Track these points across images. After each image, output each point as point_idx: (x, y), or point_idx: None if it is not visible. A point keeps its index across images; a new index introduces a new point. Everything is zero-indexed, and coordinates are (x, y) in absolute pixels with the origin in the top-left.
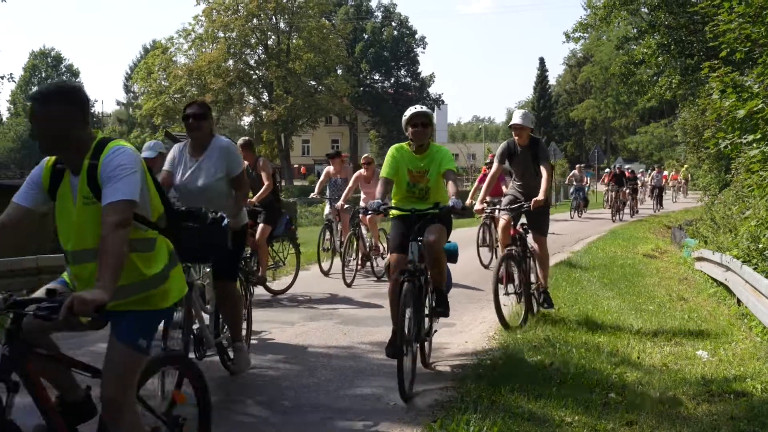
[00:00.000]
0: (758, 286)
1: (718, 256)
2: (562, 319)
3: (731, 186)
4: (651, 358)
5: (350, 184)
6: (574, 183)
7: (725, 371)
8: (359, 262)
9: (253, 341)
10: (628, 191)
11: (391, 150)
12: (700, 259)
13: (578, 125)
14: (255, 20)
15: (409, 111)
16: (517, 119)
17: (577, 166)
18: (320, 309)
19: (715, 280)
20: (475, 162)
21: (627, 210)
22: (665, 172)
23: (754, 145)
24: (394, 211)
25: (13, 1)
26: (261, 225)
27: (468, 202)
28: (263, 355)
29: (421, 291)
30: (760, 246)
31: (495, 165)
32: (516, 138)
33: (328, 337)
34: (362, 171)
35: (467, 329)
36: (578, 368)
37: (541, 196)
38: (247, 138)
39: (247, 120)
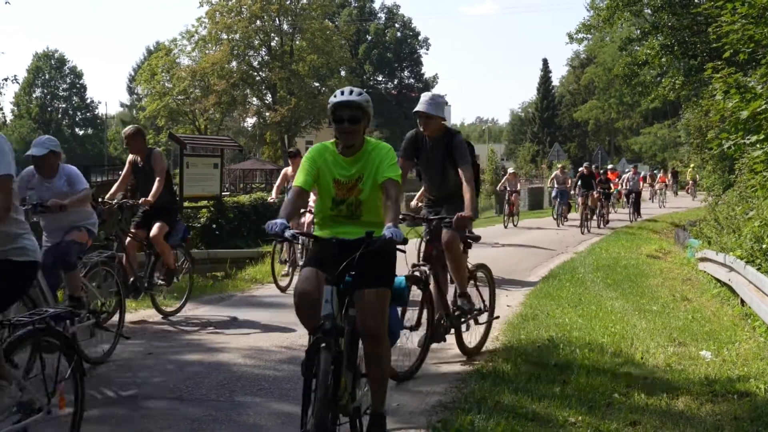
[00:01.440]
0: (762, 287)
1: (721, 257)
2: (565, 320)
3: (735, 186)
4: (654, 358)
5: (278, 181)
6: (556, 186)
7: (729, 371)
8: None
9: (257, 344)
10: (597, 195)
11: (311, 151)
12: (703, 259)
13: (582, 126)
14: (258, 22)
15: (333, 98)
16: (421, 105)
17: (559, 167)
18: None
19: (719, 281)
20: (478, 163)
21: (608, 218)
22: (642, 173)
23: (758, 145)
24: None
25: (17, 2)
26: (157, 223)
27: (414, 203)
28: (265, 357)
29: (343, 356)
30: (764, 246)
31: (399, 161)
32: (423, 129)
33: None
34: (288, 169)
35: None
36: (582, 369)
37: (467, 212)
38: (135, 126)
39: (250, 121)
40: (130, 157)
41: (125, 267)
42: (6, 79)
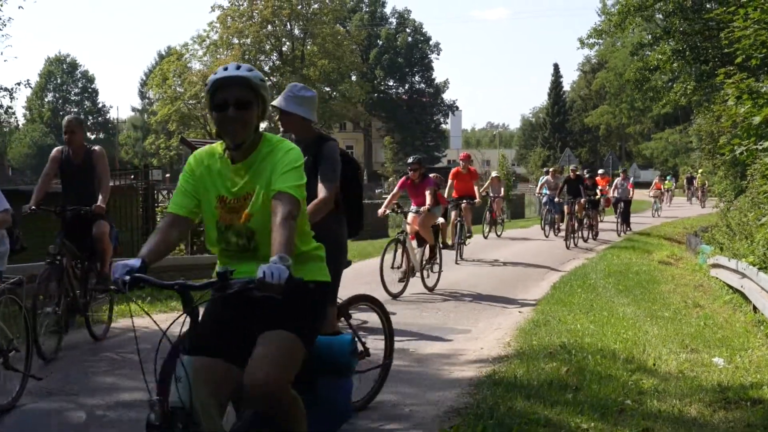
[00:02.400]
0: None
1: (734, 263)
2: (577, 326)
3: (747, 192)
4: (667, 365)
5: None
6: (547, 192)
7: (741, 378)
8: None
9: None
10: (584, 203)
11: (190, 158)
12: (715, 266)
13: (593, 131)
14: (269, 26)
15: (213, 75)
16: (279, 99)
17: (551, 170)
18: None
19: (731, 287)
20: (489, 168)
21: (597, 229)
22: (632, 178)
23: None
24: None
25: (30, 7)
26: (100, 221)
27: (380, 212)
28: None
29: None
30: None
31: None
32: (281, 127)
33: None
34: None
35: (482, 336)
36: (594, 375)
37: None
38: (73, 116)
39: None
40: (56, 152)
41: (67, 287)
42: (19, 84)
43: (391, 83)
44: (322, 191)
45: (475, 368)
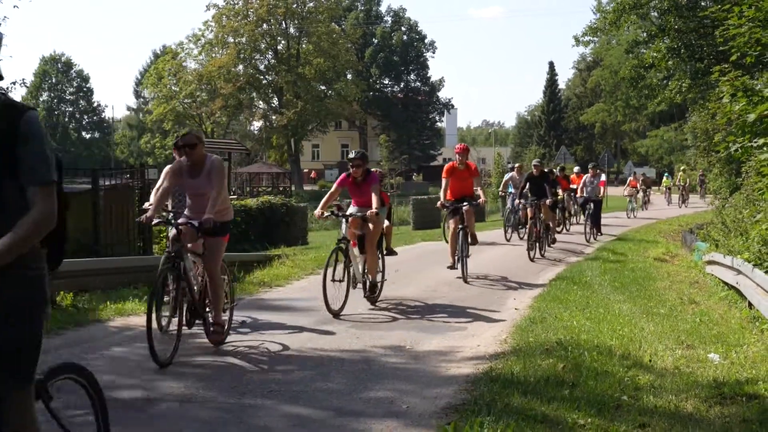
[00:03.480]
0: None
1: (729, 260)
2: (573, 323)
3: (742, 189)
4: (663, 361)
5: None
6: (512, 191)
7: (737, 374)
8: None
9: (266, 346)
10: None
11: None
12: (711, 262)
13: (588, 129)
14: (265, 25)
15: None
16: None
17: (516, 165)
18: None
19: (726, 284)
20: (485, 166)
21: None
22: (603, 177)
23: (765, 148)
24: None
25: (25, 6)
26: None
27: (317, 213)
28: (275, 359)
29: None
30: None
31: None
32: None
33: (340, 341)
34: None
35: (479, 333)
36: (590, 371)
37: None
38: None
39: (257, 125)
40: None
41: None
42: (14, 83)
43: (386, 82)
44: (37, 197)
45: (472, 365)
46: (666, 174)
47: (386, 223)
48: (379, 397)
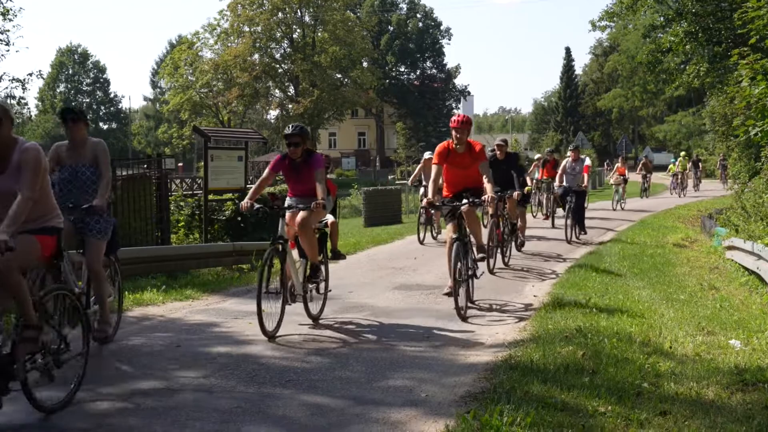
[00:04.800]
0: None
1: (749, 245)
2: (593, 310)
3: (762, 174)
4: (683, 347)
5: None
6: None
7: (759, 360)
8: None
9: (285, 335)
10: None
11: None
12: (731, 248)
13: (605, 115)
14: (280, 14)
15: None
16: None
17: (497, 144)
18: (350, 301)
19: (747, 269)
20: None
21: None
22: (587, 161)
23: None
24: None
25: None
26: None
27: (244, 204)
28: (294, 348)
29: None
30: None
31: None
32: None
33: (358, 329)
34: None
35: (499, 320)
36: (610, 358)
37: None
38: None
39: (273, 114)
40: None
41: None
42: (30, 75)
43: (402, 69)
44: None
45: (491, 353)
46: (673, 160)
47: (330, 218)
48: (397, 385)
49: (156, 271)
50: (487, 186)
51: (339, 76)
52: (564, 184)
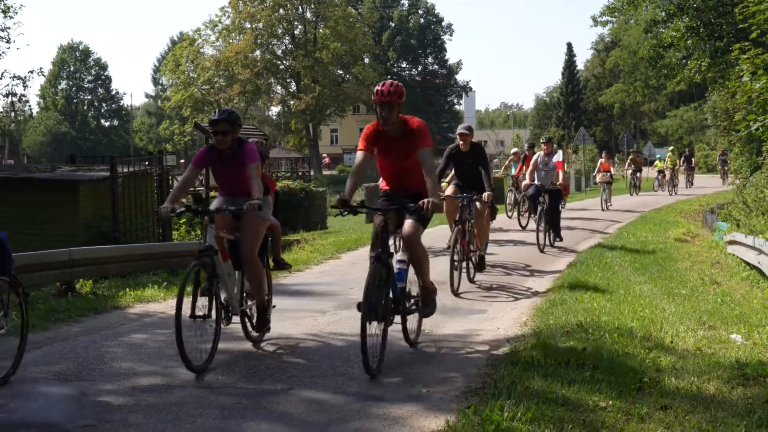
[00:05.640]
0: None
1: (750, 240)
2: (594, 304)
3: (763, 168)
4: (684, 342)
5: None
6: None
7: (760, 355)
8: None
9: (286, 332)
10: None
11: None
12: (732, 242)
13: (607, 110)
14: (281, 10)
15: None
16: None
17: (460, 132)
18: (351, 297)
19: (748, 264)
20: (503, 149)
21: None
22: (559, 155)
23: None
24: None
25: None
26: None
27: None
28: (295, 344)
29: None
30: None
31: None
32: None
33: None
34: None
35: (499, 315)
36: (611, 353)
37: None
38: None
39: (275, 110)
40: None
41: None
42: (32, 72)
43: (404, 65)
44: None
45: (492, 348)
46: (658, 155)
47: (273, 219)
48: (398, 381)
49: (157, 268)
50: (428, 183)
51: (340, 72)
52: (535, 182)
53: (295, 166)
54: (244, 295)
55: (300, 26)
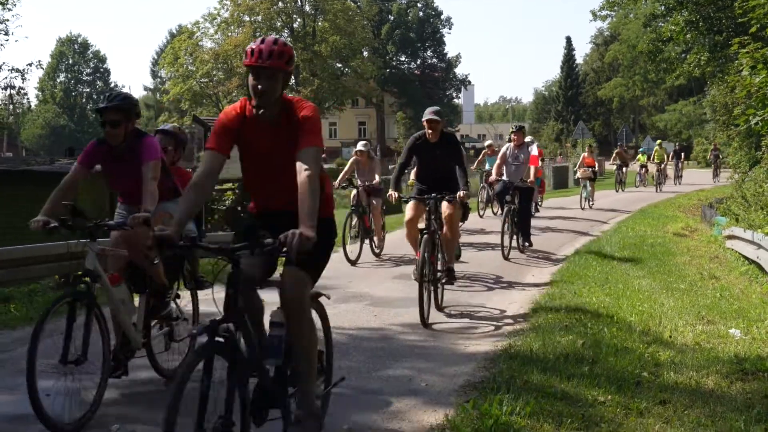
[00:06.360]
0: None
1: (749, 234)
2: (593, 299)
3: (762, 163)
4: (683, 337)
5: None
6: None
7: (758, 349)
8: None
9: None
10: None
11: None
12: (731, 237)
13: (606, 104)
14: (280, 3)
15: None
16: None
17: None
18: (350, 291)
19: (747, 258)
20: (502, 142)
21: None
22: (534, 148)
23: None
24: None
25: None
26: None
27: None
28: None
29: None
30: None
31: None
32: None
33: (358, 319)
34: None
35: (498, 310)
36: (610, 348)
37: None
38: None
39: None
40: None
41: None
42: (30, 65)
43: (403, 58)
44: None
45: (490, 342)
46: (642, 149)
47: (190, 228)
48: (397, 375)
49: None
50: (305, 202)
51: (339, 65)
52: (504, 177)
53: None
54: (152, 323)
55: (299, 19)
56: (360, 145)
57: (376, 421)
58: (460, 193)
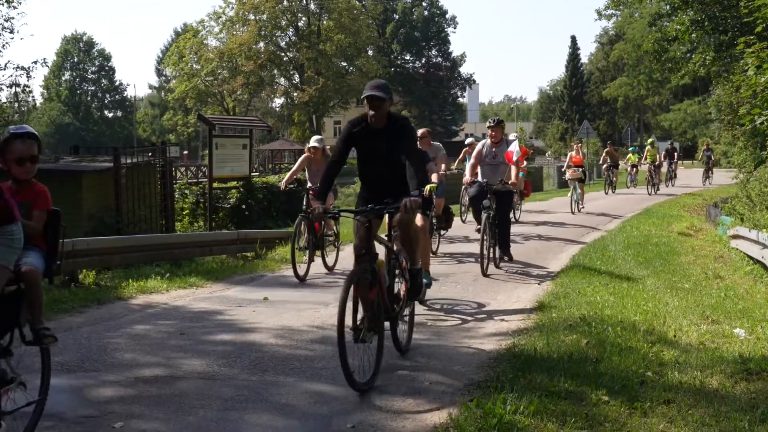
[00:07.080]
0: None
1: (754, 234)
2: (597, 298)
3: (767, 163)
4: (687, 336)
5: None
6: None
7: (763, 349)
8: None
9: (288, 323)
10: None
11: None
12: (736, 236)
13: (611, 104)
14: (285, 2)
15: None
16: None
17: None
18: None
19: (752, 258)
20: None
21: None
22: (516, 144)
23: None
24: None
25: None
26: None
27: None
28: (298, 336)
29: None
30: None
31: None
32: None
33: None
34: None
35: (502, 308)
36: (614, 347)
37: None
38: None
39: (278, 102)
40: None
41: None
42: (35, 63)
43: (407, 57)
44: None
45: (494, 341)
46: (632, 148)
47: (29, 264)
48: (400, 374)
49: (160, 259)
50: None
51: (344, 64)
52: (479, 178)
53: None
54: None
55: (304, 18)
56: (314, 141)
57: (379, 419)
58: (407, 201)
